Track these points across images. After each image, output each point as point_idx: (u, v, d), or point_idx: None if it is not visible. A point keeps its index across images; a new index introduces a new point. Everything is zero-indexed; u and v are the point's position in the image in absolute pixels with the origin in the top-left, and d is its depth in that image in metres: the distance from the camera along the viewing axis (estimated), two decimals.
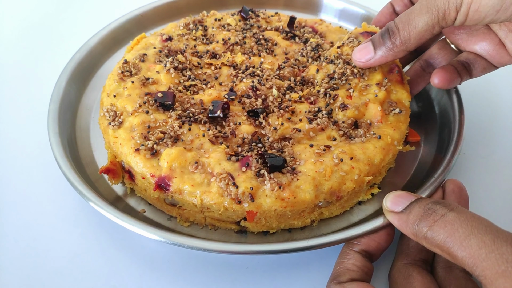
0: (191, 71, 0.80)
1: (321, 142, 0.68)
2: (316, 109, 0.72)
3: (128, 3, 1.03)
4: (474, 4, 0.57)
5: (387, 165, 0.71)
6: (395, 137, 0.69)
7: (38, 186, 0.74)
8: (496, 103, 0.91)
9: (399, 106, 0.73)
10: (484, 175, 0.77)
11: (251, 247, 0.59)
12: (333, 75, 0.76)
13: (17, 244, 0.67)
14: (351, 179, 0.63)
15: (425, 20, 0.61)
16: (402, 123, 0.71)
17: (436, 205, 0.52)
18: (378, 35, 0.68)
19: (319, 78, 0.78)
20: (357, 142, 0.67)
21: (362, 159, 0.65)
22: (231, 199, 0.61)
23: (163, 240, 0.59)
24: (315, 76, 0.78)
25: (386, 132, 0.69)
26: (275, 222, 0.63)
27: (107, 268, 0.64)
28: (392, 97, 0.74)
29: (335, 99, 0.73)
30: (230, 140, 0.69)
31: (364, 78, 0.75)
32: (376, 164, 0.66)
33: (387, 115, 0.71)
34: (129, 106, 0.71)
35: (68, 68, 0.83)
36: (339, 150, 0.65)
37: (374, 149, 0.66)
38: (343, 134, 0.69)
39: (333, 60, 0.78)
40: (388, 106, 0.72)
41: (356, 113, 0.70)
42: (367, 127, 0.70)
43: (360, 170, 0.64)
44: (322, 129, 0.69)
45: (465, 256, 0.47)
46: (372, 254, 0.60)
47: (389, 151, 0.68)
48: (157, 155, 0.65)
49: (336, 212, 0.67)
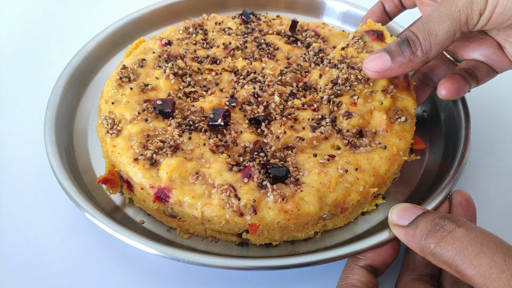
0: (191, 77, 0.78)
1: (325, 151, 0.66)
2: (320, 116, 0.70)
3: (127, 6, 1.01)
4: (499, 7, 0.55)
5: (392, 176, 0.69)
6: (401, 147, 0.67)
7: (34, 196, 0.73)
8: (501, 110, 0.90)
9: (405, 114, 0.71)
10: (490, 185, 0.76)
11: (252, 262, 0.57)
12: (336, 81, 0.74)
13: (12, 257, 0.65)
14: (356, 191, 0.62)
15: (446, 27, 0.58)
16: (408, 132, 0.70)
17: (444, 220, 0.51)
18: (394, 44, 0.63)
19: (322, 83, 0.76)
20: (362, 152, 0.66)
21: (367, 169, 0.64)
22: (233, 211, 0.59)
23: (162, 255, 0.57)
24: (318, 82, 0.76)
25: (392, 141, 0.67)
26: (278, 234, 0.62)
27: (105, 280, 0.63)
28: (398, 104, 0.72)
29: (339, 106, 0.71)
30: (231, 149, 0.67)
31: (369, 83, 0.73)
32: (382, 175, 0.65)
33: (392, 124, 0.70)
34: (127, 113, 0.70)
35: (65, 73, 0.81)
36: (344, 160, 0.64)
37: (379, 159, 0.65)
38: (347, 143, 0.67)
39: (336, 65, 0.76)
40: (394, 114, 0.71)
41: (360, 122, 0.69)
42: (372, 136, 0.68)
43: (365, 182, 0.63)
44: (326, 137, 0.68)
45: (474, 275, 0.46)
46: (377, 269, 0.59)
47: (394, 162, 0.66)
48: (157, 165, 0.64)
49: (340, 223, 0.66)
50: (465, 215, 0.61)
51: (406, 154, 0.69)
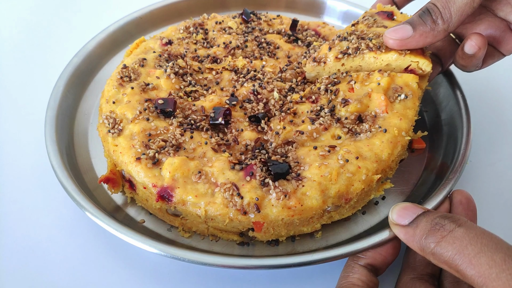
0: (192, 76, 0.78)
1: (326, 142, 0.66)
2: (319, 107, 0.70)
3: (127, 6, 1.00)
4: None
5: (398, 158, 0.68)
6: (402, 127, 0.66)
7: (35, 195, 0.73)
8: (502, 109, 0.90)
9: (405, 91, 0.69)
10: (491, 184, 0.76)
11: (253, 261, 0.57)
12: (346, 51, 0.73)
13: (13, 256, 0.65)
14: (358, 180, 0.61)
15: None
16: (410, 109, 0.68)
17: (444, 220, 0.51)
18: (416, 16, 0.65)
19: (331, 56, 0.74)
20: (363, 138, 0.65)
21: (369, 156, 0.63)
22: (236, 210, 0.59)
23: (163, 254, 0.58)
24: (327, 56, 0.74)
25: (392, 123, 0.66)
26: (283, 230, 0.62)
27: (106, 280, 0.63)
28: (397, 81, 0.70)
29: (337, 94, 0.70)
30: (233, 147, 0.67)
31: (381, 50, 0.71)
32: (385, 160, 0.63)
33: (392, 103, 0.68)
34: (129, 113, 0.70)
35: (65, 73, 0.81)
36: (344, 150, 0.63)
37: (380, 144, 0.64)
38: (348, 131, 0.66)
39: (346, 37, 0.75)
40: (394, 93, 0.69)
41: (358, 107, 0.68)
42: (373, 119, 0.67)
43: (368, 169, 0.62)
44: (326, 128, 0.67)
45: (474, 275, 0.46)
46: (377, 268, 0.59)
47: (397, 144, 0.65)
48: (159, 164, 0.64)
49: (347, 213, 0.65)
50: (466, 214, 0.62)
51: (409, 133, 0.67)
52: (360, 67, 0.74)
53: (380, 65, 0.72)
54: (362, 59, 0.72)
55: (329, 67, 0.75)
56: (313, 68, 0.76)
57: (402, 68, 0.71)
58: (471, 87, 0.87)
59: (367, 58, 0.72)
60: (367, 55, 0.71)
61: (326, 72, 0.76)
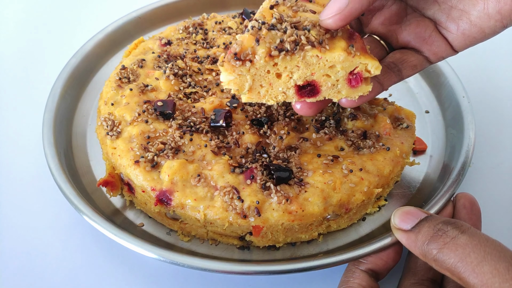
0: (192, 77, 0.77)
1: (329, 152, 0.66)
2: (323, 118, 0.70)
3: (126, 5, 0.99)
4: None
5: (395, 178, 0.69)
6: (404, 150, 0.68)
7: (33, 198, 0.72)
8: (504, 111, 0.89)
9: (406, 122, 0.72)
10: (494, 187, 0.75)
11: (253, 267, 0.57)
12: (282, 46, 0.52)
13: (10, 260, 0.65)
14: (360, 191, 0.62)
15: None
16: (410, 137, 0.70)
17: (447, 226, 0.50)
18: None
19: (262, 53, 0.55)
20: (366, 153, 0.66)
21: (372, 170, 0.64)
22: (236, 213, 0.59)
23: (162, 259, 0.57)
24: (255, 51, 0.58)
25: (395, 144, 0.67)
26: (281, 236, 0.62)
27: (104, 284, 0.62)
28: (399, 112, 0.73)
29: (344, 108, 0.70)
30: (233, 150, 0.67)
31: (325, 47, 0.52)
32: (386, 176, 0.65)
33: (395, 129, 0.70)
34: (127, 115, 0.69)
35: (63, 74, 0.80)
36: (348, 161, 0.64)
37: (383, 160, 0.65)
38: (351, 144, 0.67)
39: (274, 25, 0.52)
40: (395, 121, 0.72)
41: (366, 123, 0.69)
42: (376, 138, 0.68)
43: (370, 182, 0.63)
44: (330, 138, 0.68)
45: (477, 284, 0.45)
46: (378, 273, 0.58)
47: (398, 163, 0.66)
48: (158, 168, 0.63)
49: (344, 225, 0.66)
50: (470, 218, 0.61)
51: (408, 157, 0.69)
52: (297, 69, 0.54)
53: (324, 66, 0.53)
54: (303, 58, 0.52)
55: (256, 69, 0.53)
56: (233, 69, 0.52)
57: (347, 72, 0.54)
58: (474, 89, 0.86)
59: (308, 57, 0.52)
60: (309, 52, 0.52)
61: (251, 75, 0.53)
